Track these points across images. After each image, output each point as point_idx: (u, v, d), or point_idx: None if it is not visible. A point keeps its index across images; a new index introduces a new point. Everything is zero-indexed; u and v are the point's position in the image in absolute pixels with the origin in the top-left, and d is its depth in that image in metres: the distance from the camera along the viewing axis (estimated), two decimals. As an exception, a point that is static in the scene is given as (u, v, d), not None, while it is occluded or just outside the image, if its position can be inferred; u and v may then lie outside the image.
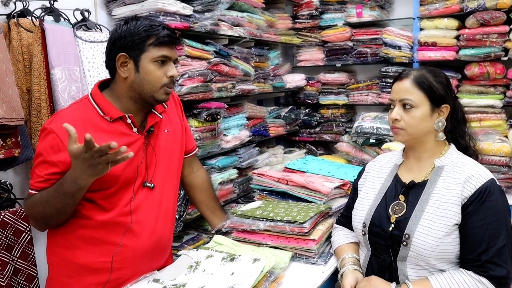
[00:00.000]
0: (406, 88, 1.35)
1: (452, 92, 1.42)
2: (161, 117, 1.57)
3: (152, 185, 1.52)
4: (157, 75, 1.43)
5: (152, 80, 1.43)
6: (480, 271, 1.24)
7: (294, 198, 1.89)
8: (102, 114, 1.44)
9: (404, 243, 1.31)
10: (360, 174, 1.63)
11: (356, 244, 1.54)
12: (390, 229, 1.35)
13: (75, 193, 1.33)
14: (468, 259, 1.27)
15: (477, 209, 1.27)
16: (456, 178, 1.33)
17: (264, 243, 1.59)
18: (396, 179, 1.45)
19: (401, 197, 1.40)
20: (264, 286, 1.31)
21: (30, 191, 1.42)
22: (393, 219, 1.36)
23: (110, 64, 1.46)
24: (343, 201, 1.87)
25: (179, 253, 1.55)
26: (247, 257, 1.39)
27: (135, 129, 1.49)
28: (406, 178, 1.43)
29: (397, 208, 1.38)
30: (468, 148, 1.45)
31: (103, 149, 1.20)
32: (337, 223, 1.67)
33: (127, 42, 1.41)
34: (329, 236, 1.67)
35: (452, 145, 1.43)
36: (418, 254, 1.29)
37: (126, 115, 1.46)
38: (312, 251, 1.53)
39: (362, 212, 1.46)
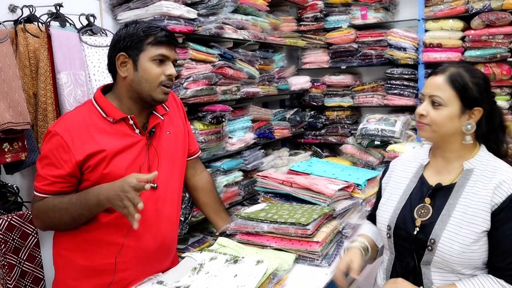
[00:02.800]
0: (438, 84, 1.29)
1: (490, 96, 1.32)
2: (163, 118, 1.59)
3: (156, 185, 1.53)
4: (155, 73, 1.45)
5: (150, 78, 1.45)
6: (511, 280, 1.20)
7: (298, 200, 1.88)
8: (104, 116, 1.47)
9: (429, 248, 1.27)
10: (384, 172, 1.58)
11: (371, 239, 1.53)
12: (415, 232, 1.31)
13: (93, 207, 1.38)
14: (498, 267, 1.22)
15: (509, 216, 1.21)
16: (486, 183, 1.26)
17: (268, 245, 1.59)
18: (422, 180, 1.39)
19: (427, 200, 1.34)
20: (267, 288, 1.32)
21: (36, 193, 1.44)
22: (418, 222, 1.31)
23: (112, 67, 1.50)
24: (347, 203, 1.87)
25: (183, 255, 1.56)
26: (250, 259, 1.40)
27: (137, 130, 1.50)
28: (432, 180, 1.37)
29: (422, 211, 1.33)
30: (502, 158, 1.34)
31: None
32: (367, 218, 1.66)
33: (126, 42, 1.45)
34: (333, 238, 1.67)
35: (483, 146, 1.35)
36: (443, 260, 1.25)
37: (128, 116, 1.48)
38: (315, 253, 1.53)
39: (386, 214, 1.41)
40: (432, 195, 1.34)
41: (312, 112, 4.00)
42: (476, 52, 3.15)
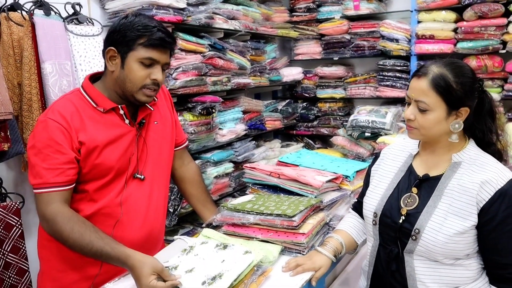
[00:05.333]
0: (422, 89, 1.27)
1: (475, 92, 1.29)
2: (152, 109, 1.57)
3: (143, 176, 1.53)
4: (140, 75, 1.41)
5: (133, 79, 1.41)
6: None
7: (286, 191, 1.87)
8: (95, 106, 1.45)
9: (413, 237, 1.28)
10: (374, 159, 1.59)
11: (350, 235, 1.56)
12: (401, 221, 1.33)
13: (114, 257, 1.31)
14: (503, 264, 1.24)
15: (501, 213, 1.21)
16: (472, 177, 1.27)
17: (254, 236, 1.58)
18: (410, 170, 1.41)
19: (414, 190, 1.36)
20: (251, 280, 1.31)
21: (44, 190, 1.34)
22: (404, 211, 1.33)
23: (104, 54, 1.46)
24: (335, 194, 1.86)
25: (175, 237, 1.56)
26: (239, 248, 1.40)
27: (127, 121, 1.49)
28: (420, 171, 1.39)
29: (409, 200, 1.35)
30: (490, 145, 1.34)
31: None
32: (352, 208, 1.68)
33: (119, 37, 1.40)
34: (320, 230, 1.66)
35: (472, 140, 1.35)
36: (426, 249, 1.27)
37: (119, 106, 1.46)
38: (301, 244, 1.52)
39: (373, 201, 1.43)
40: (419, 185, 1.36)
41: (304, 104, 3.98)
42: (468, 44, 3.14)
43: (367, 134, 2.73)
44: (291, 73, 3.81)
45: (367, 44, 3.59)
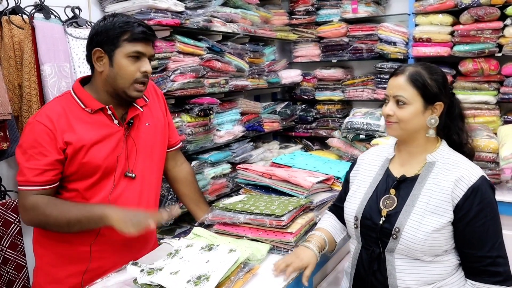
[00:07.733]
0: (400, 85, 1.37)
1: (448, 90, 1.42)
2: (141, 110, 1.61)
3: (133, 175, 1.57)
4: (130, 70, 1.47)
5: (124, 74, 1.47)
6: (492, 272, 1.27)
7: (277, 192, 1.91)
8: (83, 107, 1.49)
9: (394, 236, 1.33)
10: (352, 166, 1.65)
11: (330, 234, 1.60)
12: (381, 222, 1.38)
13: (93, 218, 1.42)
14: (477, 257, 1.29)
15: (474, 208, 1.28)
16: (446, 175, 1.34)
17: (244, 235, 1.62)
18: (388, 173, 1.47)
19: (392, 191, 1.41)
20: (237, 277, 1.35)
21: (24, 188, 1.42)
22: (384, 212, 1.39)
23: (89, 59, 1.51)
24: (326, 195, 1.90)
25: (161, 241, 1.59)
26: (223, 248, 1.43)
27: (115, 121, 1.53)
28: (397, 173, 1.45)
29: (388, 202, 1.40)
30: (463, 145, 1.44)
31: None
32: (329, 210, 1.72)
33: (102, 37, 1.46)
34: (309, 230, 1.70)
35: (444, 142, 1.44)
36: (406, 247, 1.32)
37: (107, 107, 1.51)
38: (289, 243, 1.56)
39: (353, 205, 1.48)
40: (397, 186, 1.42)
41: (303, 106, 4.01)
42: (465, 47, 3.16)
43: (361, 136, 2.76)
44: (290, 75, 3.84)
45: (365, 47, 3.61)
